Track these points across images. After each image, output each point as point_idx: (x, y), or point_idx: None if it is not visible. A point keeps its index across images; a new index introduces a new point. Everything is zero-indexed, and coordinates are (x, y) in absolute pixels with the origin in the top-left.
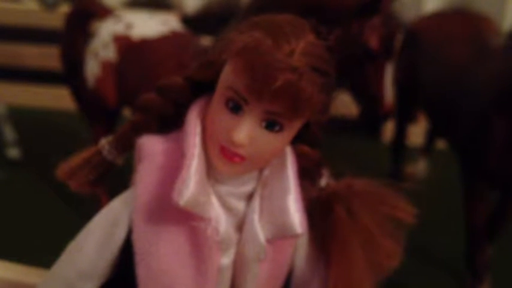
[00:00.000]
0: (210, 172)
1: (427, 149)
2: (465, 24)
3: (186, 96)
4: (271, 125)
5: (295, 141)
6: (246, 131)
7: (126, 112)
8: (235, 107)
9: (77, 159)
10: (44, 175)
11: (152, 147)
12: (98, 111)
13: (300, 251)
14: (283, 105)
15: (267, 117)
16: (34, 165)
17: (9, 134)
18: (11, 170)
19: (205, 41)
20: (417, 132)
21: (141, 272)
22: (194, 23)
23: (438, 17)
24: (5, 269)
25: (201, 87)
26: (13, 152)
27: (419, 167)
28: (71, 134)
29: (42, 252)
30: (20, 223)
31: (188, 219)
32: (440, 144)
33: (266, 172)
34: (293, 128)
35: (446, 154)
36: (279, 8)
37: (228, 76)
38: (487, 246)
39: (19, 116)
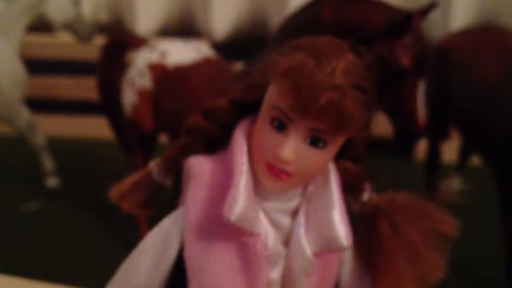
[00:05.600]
0: (257, 189)
1: (461, 166)
2: (495, 40)
3: (230, 117)
4: (315, 141)
5: (338, 158)
6: (291, 147)
7: (163, 139)
8: (281, 126)
9: (127, 181)
10: (82, 204)
11: (200, 167)
12: (135, 138)
13: (346, 266)
14: (327, 123)
15: (311, 135)
16: (73, 194)
17: (48, 164)
18: (49, 199)
19: (237, 66)
20: (450, 150)
21: None
22: (225, 48)
23: (468, 34)
24: None
25: (245, 108)
26: (52, 182)
27: (454, 185)
28: (107, 163)
29: (82, 280)
30: (58, 252)
31: (238, 236)
32: (474, 161)
33: (310, 188)
34: (336, 144)
35: (480, 171)
36: (310, 31)
37: (272, 96)
38: None
39: (57, 147)
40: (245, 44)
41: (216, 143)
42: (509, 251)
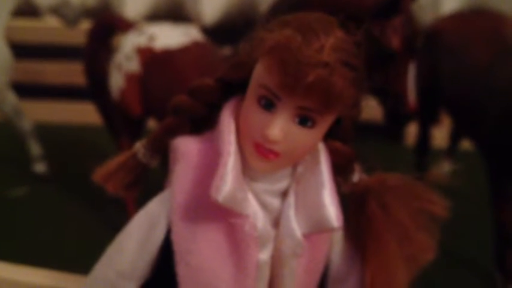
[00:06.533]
0: (245, 170)
1: (451, 150)
2: (486, 24)
3: (217, 97)
4: (304, 120)
5: (327, 138)
6: (279, 127)
7: (151, 123)
8: (268, 104)
9: (113, 163)
10: (70, 189)
11: (187, 148)
12: (123, 122)
13: (336, 247)
14: (315, 101)
15: (299, 113)
16: (60, 179)
17: (35, 149)
18: (37, 184)
19: (226, 50)
20: (440, 136)
21: (181, 271)
22: (214, 33)
23: (458, 18)
24: (43, 276)
25: (232, 87)
26: (39, 167)
27: (444, 168)
28: (95, 148)
29: (70, 265)
30: (45, 237)
31: (226, 217)
32: (465, 145)
33: (300, 169)
34: (325, 123)
35: (470, 155)
36: (299, 10)
37: (260, 74)
38: None
39: (44, 132)
40: (235, 28)
41: (202, 124)
42: (499, 234)
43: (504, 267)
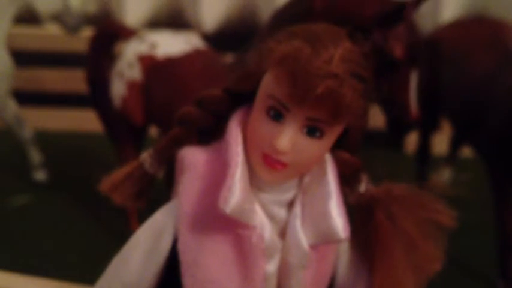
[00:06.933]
0: (253, 181)
1: (452, 157)
2: (486, 31)
3: (224, 107)
4: (312, 131)
5: (334, 148)
6: (288, 138)
7: (153, 132)
8: (277, 115)
9: (119, 173)
10: (71, 197)
11: (194, 158)
12: (124, 131)
13: (343, 258)
14: (325, 112)
15: (308, 124)
16: (61, 187)
17: (36, 157)
18: (37, 192)
19: (227, 57)
20: (440, 142)
21: (187, 282)
22: (215, 40)
23: (459, 25)
24: (45, 286)
25: (239, 98)
26: (40, 175)
27: (445, 176)
28: (96, 156)
29: (72, 274)
30: (47, 246)
31: (233, 228)
32: (465, 153)
33: (306, 179)
34: (333, 134)
35: (470, 162)
36: (302, 21)
37: (268, 85)
38: None
39: (44, 140)
40: (235, 35)
41: (209, 134)
42: (501, 241)
43: (506, 274)
